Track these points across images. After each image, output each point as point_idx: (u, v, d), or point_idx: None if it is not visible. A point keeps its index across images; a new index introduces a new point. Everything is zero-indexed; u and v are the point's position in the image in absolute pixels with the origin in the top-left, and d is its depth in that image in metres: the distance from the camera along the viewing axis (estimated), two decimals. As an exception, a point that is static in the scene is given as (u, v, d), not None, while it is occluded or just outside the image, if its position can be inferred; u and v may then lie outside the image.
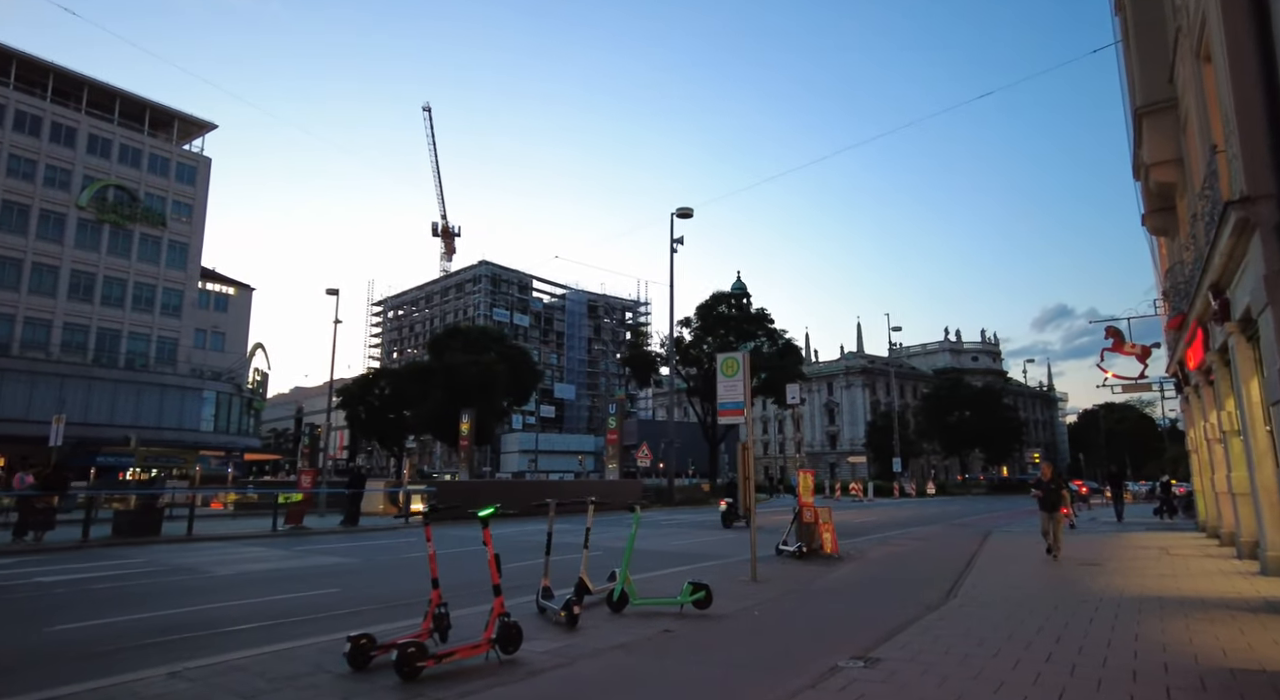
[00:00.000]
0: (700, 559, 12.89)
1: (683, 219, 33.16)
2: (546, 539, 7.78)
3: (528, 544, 15.93)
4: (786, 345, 40.79)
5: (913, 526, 22.02)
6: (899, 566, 11.56)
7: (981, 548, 14.59)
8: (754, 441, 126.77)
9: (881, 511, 31.81)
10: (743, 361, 10.38)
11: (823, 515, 12.66)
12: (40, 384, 47.79)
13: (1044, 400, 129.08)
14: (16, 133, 50.06)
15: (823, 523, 12.57)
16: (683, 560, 12.74)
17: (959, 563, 11.83)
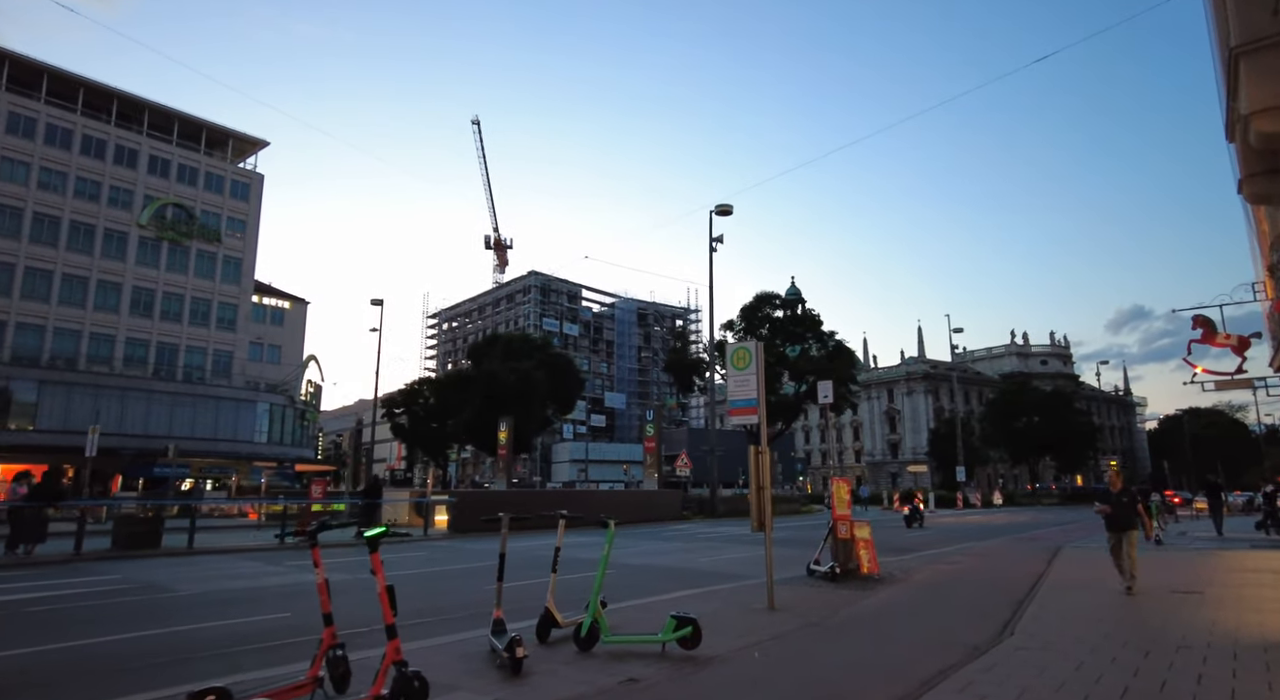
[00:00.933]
0: (722, 579, 11.45)
1: (722, 216, 31.73)
2: (499, 561, 6.44)
3: (539, 559, 14.70)
4: (836, 347, 38.62)
5: (972, 541, 19.97)
6: (947, 591, 9.87)
7: (1049, 567, 12.69)
8: (809, 451, 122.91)
9: (940, 524, 29.53)
10: (755, 353, 8.95)
11: (860, 530, 11.06)
12: (104, 397, 49.24)
13: (1120, 405, 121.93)
14: (83, 156, 52.05)
15: (860, 539, 10.97)
16: (701, 580, 11.31)
17: (1020, 587, 10.07)
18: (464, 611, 8.65)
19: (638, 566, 13.65)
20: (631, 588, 10.53)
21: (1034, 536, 21.90)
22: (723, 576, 11.86)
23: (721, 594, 9.57)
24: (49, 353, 49.11)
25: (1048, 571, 12.09)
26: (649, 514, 26.38)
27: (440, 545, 17.66)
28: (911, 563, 13.64)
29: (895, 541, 19.99)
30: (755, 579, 11.17)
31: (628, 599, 9.07)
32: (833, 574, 10.64)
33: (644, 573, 12.66)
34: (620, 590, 10.12)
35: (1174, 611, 7.97)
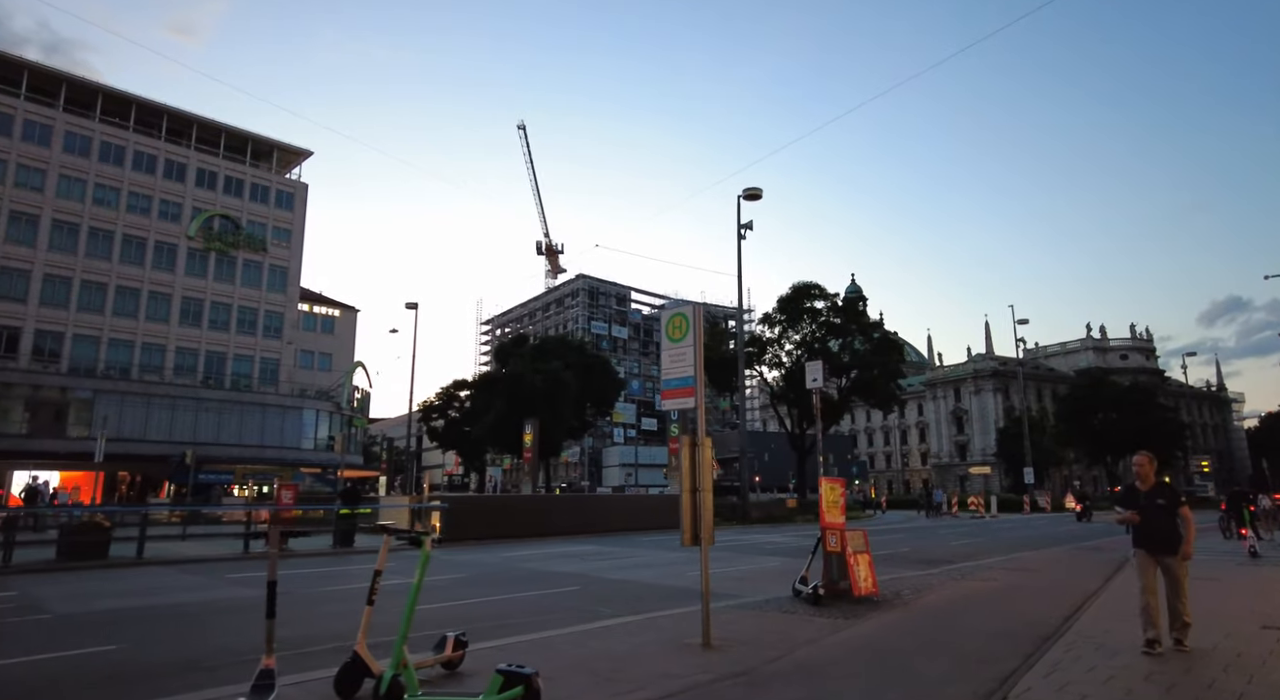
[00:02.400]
0: (693, 600, 9.58)
1: (750, 201, 29.73)
2: (268, 591, 4.78)
3: (509, 574, 13.09)
4: (882, 340, 35.78)
5: (1025, 551, 17.40)
6: (950, 624, 7.76)
7: (1104, 588, 10.35)
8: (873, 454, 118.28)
9: (995, 531, 26.67)
10: (693, 319, 7.12)
11: (854, 542, 9.03)
12: (155, 405, 50.33)
13: (1214, 401, 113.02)
14: (135, 171, 53.55)
15: (853, 552, 8.95)
16: (667, 602, 9.48)
17: (1052, 618, 7.89)
18: (335, 642, 7.06)
19: (610, 582, 11.90)
20: (570, 612, 8.82)
21: (1100, 545, 19.12)
22: (697, 596, 10.00)
23: (663, 622, 7.74)
24: (104, 363, 50.50)
25: (1099, 593, 9.78)
26: (670, 521, 24.49)
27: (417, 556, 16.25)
28: (934, 579, 11.45)
29: (934, 551, 17.64)
30: (736, 599, 9.29)
31: (552, 627, 7.37)
32: (815, 596, 8.66)
33: (609, 590, 10.90)
34: (556, 615, 8.42)
35: (1273, 669, 5.72)
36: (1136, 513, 6.43)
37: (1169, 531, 6.32)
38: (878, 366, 31.74)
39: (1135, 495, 6.55)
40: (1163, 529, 6.33)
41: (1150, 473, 6.56)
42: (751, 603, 8.95)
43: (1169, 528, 6.32)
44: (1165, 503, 6.38)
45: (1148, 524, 6.39)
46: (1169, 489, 6.56)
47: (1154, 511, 6.36)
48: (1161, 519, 6.33)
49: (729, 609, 8.49)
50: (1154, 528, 6.36)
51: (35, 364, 47.57)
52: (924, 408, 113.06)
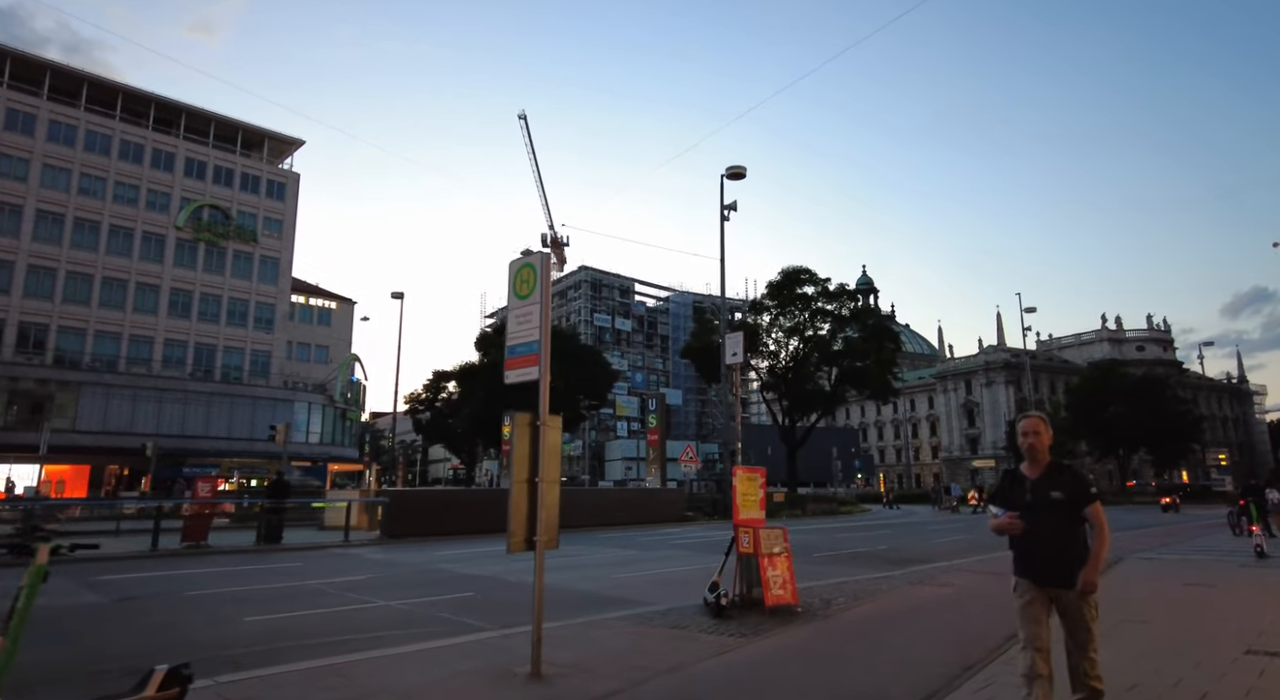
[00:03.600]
0: (587, 610, 8.28)
1: (734, 180, 28.25)
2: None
3: (420, 577, 11.85)
4: (877, 326, 34.12)
5: (1006, 550, 15.92)
6: (872, 643, 6.41)
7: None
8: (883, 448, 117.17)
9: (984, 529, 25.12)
10: (541, 271, 5.80)
11: (769, 542, 7.69)
12: (141, 398, 49.72)
13: (1234, 394, 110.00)
14: (122, 160, 52.82)
15: (767, 554, 7.61)
16: (560, 612, 8.15)
17: (1003, 632, 6.52)
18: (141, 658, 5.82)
19: (516, 587, 10.59)
20: (437, 623, 7.56)
21: (1096, 544, 17.61)
22: (617, 604, 8.72)
23: (514, 643, 6.44)
24: (90, 355, 49.88)
25: (1065, 602, 8.35)
26: (643, 515, 23.26)
27: (346, 555, 15.07)
28: (887, 583, 10.11)
29: (911, 550, 16.26)
30: (634, 609, 8.01)
31: (391, 645, 6.15)
32: (717, 606, 7.33)
33: (505, 597, 9.62)
34: (416, 628, 7.16)
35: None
36: (1018, 515, 3.84)
37: (1066, 547, 3.71)
38: (871, 355, 30.15)
39: (1017, 486, 3.96)
40: (1057, 543, 3.72)
41: (1043, 446, 3.90)
42: (647, 614, 7.66)
43: (1067, 541, 3.72)
44: (1064, 498, 3.72)
45: (1034, 535, 3.77)
46: (1070, 475, 3.84)
47: (1044, 513, 3.75)
48: (1055, 526, 3.73)
49: (615, 621, 7.20)
50: (1043, 541, 3.76)
51: (19, 356, 46.99)
52: (934, 400, 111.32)
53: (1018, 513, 3.86)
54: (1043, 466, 3.89)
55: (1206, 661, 5.45)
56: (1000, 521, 3.94)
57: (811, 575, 11.43)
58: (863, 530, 23.03)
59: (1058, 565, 3.72)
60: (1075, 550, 3.73)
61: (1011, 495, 3.99)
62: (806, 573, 11.94)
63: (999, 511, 4.01)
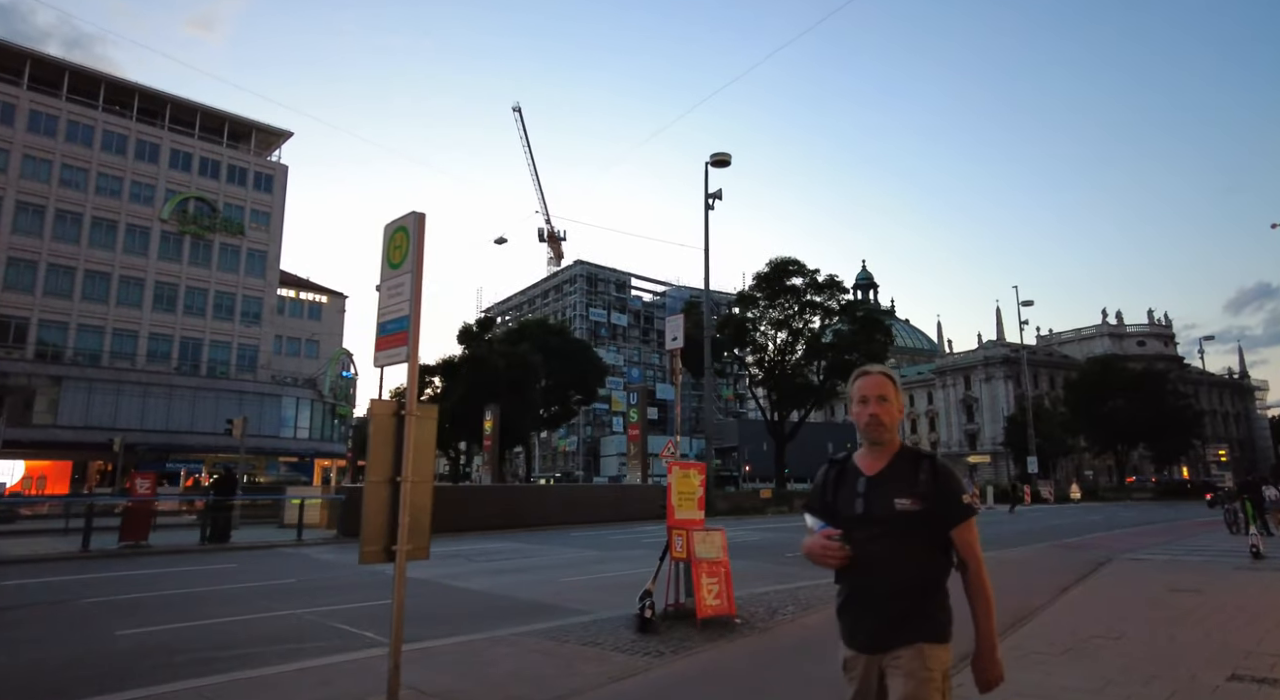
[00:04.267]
0: (519, 619, 7.52)
1: (719, 168, 27.52)
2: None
3: (352, 581, 11.08)
4: (866, 319, 33.27)
5: (994, 549, 15.13)
6: (809, 662, 5.63)
7: (1056, 601, 8.20)
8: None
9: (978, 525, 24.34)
10: (414, 233, 5.00)
11: (704, 546, 6.91)
12: (125, 393, 49.05)
13: (1235, 389, 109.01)
14: (104, 152, 52.00)
15: (702, 559, 6.82)
16: (481, 622, 7.40)
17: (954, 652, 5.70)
18: None
19: (456, 592, 9.84)
20: (333, 636, 6.77)
21: (1086, 543, 16.85)
22: (547, 613, 7.95)
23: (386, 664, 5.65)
24: (72, 349, 49.16)
25: (1037, 613, 7.59)
26: (621, 513, 22.49)
27: (294, 555, 14.30)
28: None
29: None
30: (560, 620, 7.24)
31: (255, 666, 5.39)
32: (641, 619, 6.53)
33: (437, 605, 8.85)
34: (307, 642, 6.37)
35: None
36: (841, 535, 2.21)
37: (911, 586, 2.19)
38: (859, 348, 29.32)
39: (845, 486, 2.31)
40: (899, 580, 2.18)
41: (892, 422, 2.33)
42: (570, 626, 6.87)
43: (918, 582, 2.20)
44: (917, 509, 2.17)
45: (865, 570, 2.20)
46: (932, 472, 2.26)
47: (883, 533, 2.17)
48: (899, 556, 2.17)
49: (527, 636, 6.41)
50: (876, 576, 2.19)
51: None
52: (933, 396, 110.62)
53: (840, 531, 2.21)
54: (889, 455, 2.27)
55: (1184, 690, 4.66)
56: (811, 544, 2.27)
57: (776, 577, 10.67)
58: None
59: (900, 623, 2.14)
60: (930, 602, 2.19)
61: (835, 500, 2.29)
62: (771, 574, 11.18)
63: (815, 525, 2.34)
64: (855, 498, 2.26)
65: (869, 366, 2.44)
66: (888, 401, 2.32)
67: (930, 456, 2.31)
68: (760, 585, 9.62)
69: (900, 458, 2.28)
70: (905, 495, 2.18)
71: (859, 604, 2.24)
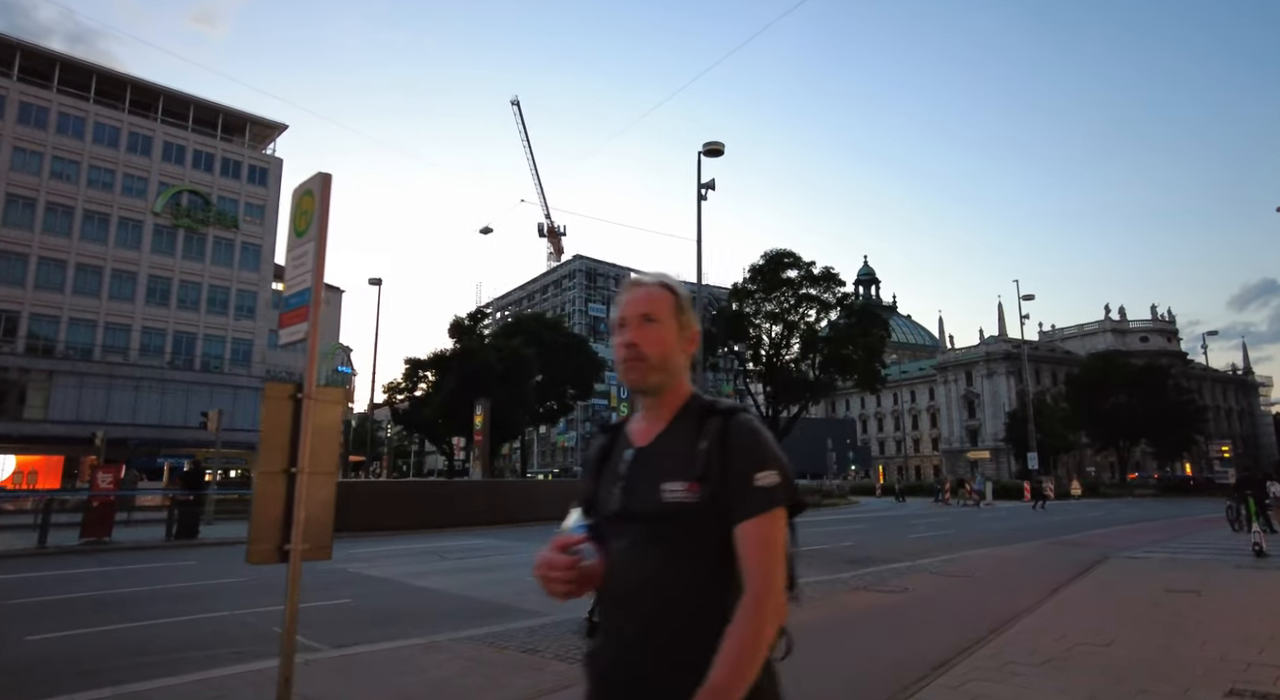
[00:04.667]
0: (485, 619, 7.04)
1: (711, 157, 26.87)
2: None
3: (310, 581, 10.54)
4: (864, 312, 32.66)
5: (988, 547, 14.64)
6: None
7: (1046, 601, 7.69)
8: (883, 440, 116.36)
9: (974, 522, 23.90)
10: (319, 195, 4.49)
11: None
12: (117, 387, 48.71)
13: (1239, 386, 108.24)
14: (96, 144, 51.55)
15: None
16: (419, 625, 6.91)
17: (930, 658, 5.24)
18: None
19: (411, 591, 9.35)
20: (258, 643, 6.28)
21: (1083, 540, 16.31)
22: (499, 615, 7.46)
23: (272, 674, 5.18)
24: (63, 343, 48.79)
25: (1024, 616, 7.07)
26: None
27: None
28: (829, 588, 8.81)
29: (877, 548, 14.95)
30: (541, 617, 6.74)
31: (138, 680, 4.87)
32: (590, 624, 5.97)
33: (386, 605, 8.36)
34: (224, 649, 5.87)
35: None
36: (587, 543, 1.39)
37: (686, 631, 1.29)
38: (856, 342, 28.72)
39: (610, 463, 1.47)
40: (663, 618, 1.31)
41: (657, 355, 1.40)
42: (518, 630, 6.38)
43: (685, 613, 1.30)
44: (689, 497, 1.31)
45: (617, 595, 1.38)
46: (721, 432, 1.34)
47: (638, 531, 1.35)
48: (658, 570, 1.32)
49: (465, 641, 5.91)
50: (630, 611, 1.35)
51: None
52: (935, 392, 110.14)
53: (582, 538, 1.40)
54: (670, 413, 1.44)
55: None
56: (538, 559, 1.38)
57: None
58: (838, 525, 21.77)
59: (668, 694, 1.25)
60: (698, 631, 1.27)
61: (598, 486, 1.48)
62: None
63: (572, 526, 1.41)
64: (615, 483, 1.41)
65: (640, 276, 1.52)
66: (655, 323, 1.41)
67: (726, 410, 1.38)
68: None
69: (683, 417, 1.41)
70: (679, 476, 1.32)
71: (609, 656, 1.38)
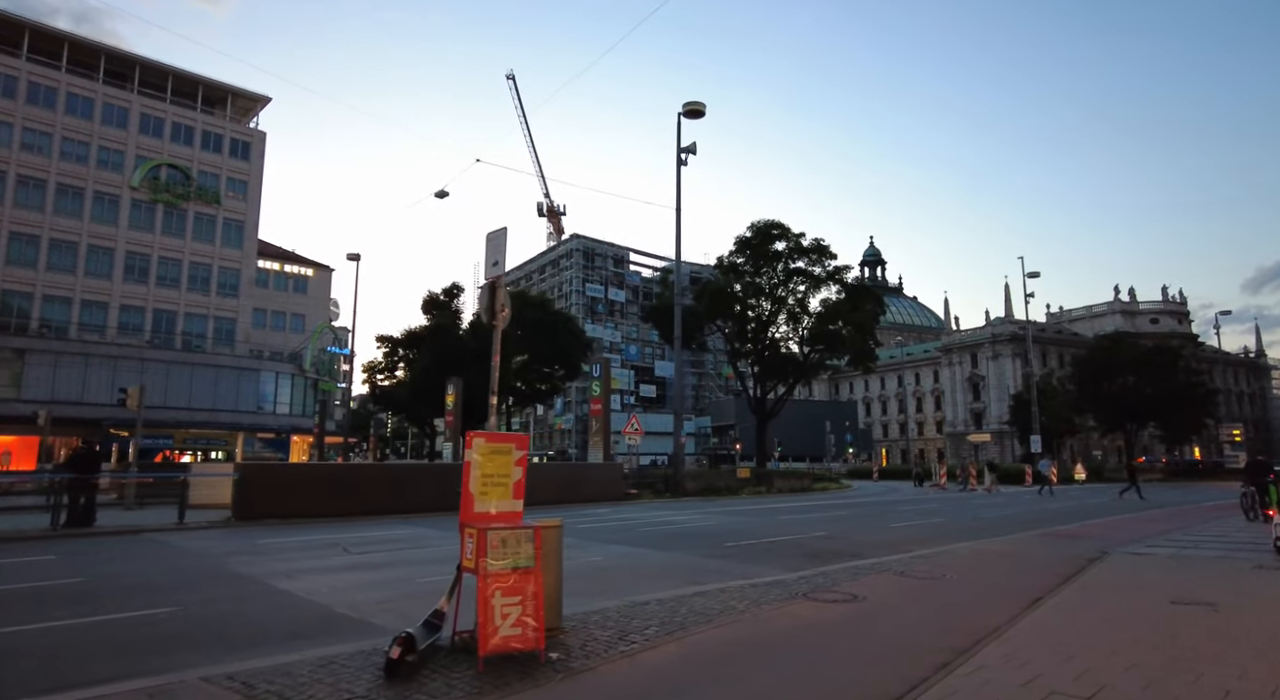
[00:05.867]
0: (311, 639, 5.55)
1: (692, 118, 25.23)
2: None
3: (162, 581, 9.13)
4: (856, 288, 30.85)
5: (977, 538, 13.09)
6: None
7: (1021, 620, 6.14)
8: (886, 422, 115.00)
9: (966, 509, 22.35)
10: None
11: (503, 553, 4.85)
12: (94, 366, 47.40)
13: (1251, 369, 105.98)
14: (69, 115, 49.96)
15: (495, 573, 4.77)
16: (262, 643, 5.41)
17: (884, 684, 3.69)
18: None
19: (268, 596, 7.86)
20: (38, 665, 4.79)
21: (1080, 531, 14.75)
22: (327, 635, 5.98)
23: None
24: (37, 320, 47.54)
25: (996, 637, 5.52)
26: (574, 494, 20.52)
27: (151, 542, 12.40)
28: (766, 591, 7.26)
29: (847, 540, 13.41)
30: (374, 638, 5.24)
31: None
32: (389, 661, 4.50)
33: (213, 617, 6.88)
34: None
35: None
36: None
37: None
38: (846, 317, 26.98)
39: None
40: None
41: None
42: (307, 661, 4.88)
43: None
44: None
45: None
46: None
47: None
48: None
49: (225, 679, 4.41)
50: None
51: (-42, 320, 44.73)
52: (939, 374, 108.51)
53: None
54: None
55: None
56: None
57: (687, 576, 8.69)
58: (818, 511, 20.26)
59: None
60: None
61: None
62: (684, 572, 9.18)
63: None
64: None
65: None
66: None
67: None
68: (652, 590, 7.61)
69: None
70: None
71: None
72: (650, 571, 9.40)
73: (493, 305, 6.48)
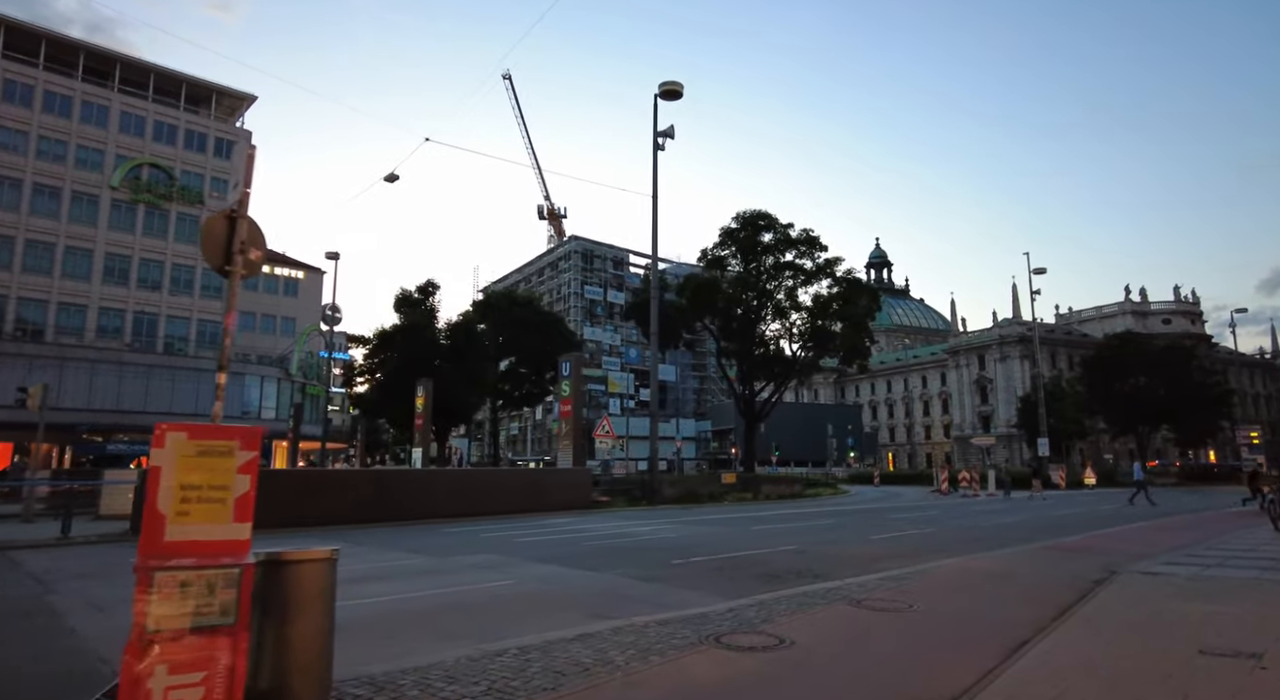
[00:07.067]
0: None
1: (669, 100, 23.61)
2: None
3: None
4: (851, 284, 29.08)
5: (966, 553, 11.35)
6: None
7: (997, 678, 4.45)
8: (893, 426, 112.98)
9: (964, 516, 20.57)
10: None
11: (180, 601, 3.15)
12: (70, 369, 46.13)
13: (1267, 370, 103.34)
14: (46, 113, 48.88)
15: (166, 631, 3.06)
16: None
17: None
18: None
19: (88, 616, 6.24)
20: None
21: (1086, 544, 12.97)
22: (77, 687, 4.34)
23: None
24: (11, 323, 46.34)
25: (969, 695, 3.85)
26: (537, 501, 18.83)
27: (16, 559, 10.85)
28: (677, 631, 5.60)
29: (819, 555, 11.69)
30: None
31: None
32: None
33: None
34: None
35: None
36: None
37: None
38: (838, 312, 25.28)
39: None
40: None
41: None
42: None
43: None
44: None
45: None
46: None
47: None
48: None
49: None
50: None
51: (-71, 323, 43.56)
52: (946, 377, 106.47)
53: None
54: None
55: None
56: None
57: (590, 611, 7.02)
58: (800, 520, 18.55)
59: None
60: None
61: None
62: (594, 600, 7.51)
63: None
64: None
65: None
66: None
67: None
68: (535, 629, 5.96)
69: None
70: None
71: None
72: (556, 601, 7.74)
73: (229, 243, 4.80)
